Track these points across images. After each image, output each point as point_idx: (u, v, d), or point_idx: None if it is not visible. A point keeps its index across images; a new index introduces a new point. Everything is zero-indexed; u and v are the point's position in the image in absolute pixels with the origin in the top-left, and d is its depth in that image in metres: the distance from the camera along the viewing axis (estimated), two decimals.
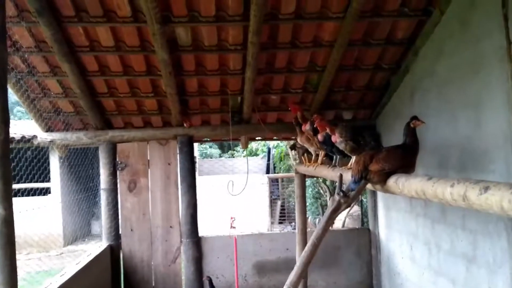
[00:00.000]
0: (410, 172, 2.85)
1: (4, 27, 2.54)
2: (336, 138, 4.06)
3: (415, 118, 2.99)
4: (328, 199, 10.39)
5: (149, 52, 4.81)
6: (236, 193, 6.03)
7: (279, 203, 13.32)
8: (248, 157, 18.49)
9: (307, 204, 8.78)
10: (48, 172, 11.58)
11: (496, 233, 3.66)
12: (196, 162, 6.59)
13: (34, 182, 10.62)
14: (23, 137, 7.88)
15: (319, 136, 4.53)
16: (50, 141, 5.89)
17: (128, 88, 5.46)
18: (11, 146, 4.58)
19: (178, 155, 6.22)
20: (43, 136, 5.89)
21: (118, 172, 6.21)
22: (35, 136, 5.93)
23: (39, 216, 11.12)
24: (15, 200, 2.54)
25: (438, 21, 4.43)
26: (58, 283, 4.10)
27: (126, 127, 6.14)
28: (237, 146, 22.43)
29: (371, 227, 6.73)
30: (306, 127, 4.94)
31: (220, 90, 5.63)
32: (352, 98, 5.98)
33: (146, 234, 6.24)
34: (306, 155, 5.55)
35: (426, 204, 4.89)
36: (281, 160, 14.40)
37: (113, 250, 5.99)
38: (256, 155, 19.87)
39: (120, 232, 6.19)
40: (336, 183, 3.24)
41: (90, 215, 13.21)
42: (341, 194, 3.05)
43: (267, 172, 16.84)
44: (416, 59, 4.99)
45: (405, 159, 2.90)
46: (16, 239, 2.56)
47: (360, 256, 6.67)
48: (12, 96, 5.40)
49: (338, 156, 4.47)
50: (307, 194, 10.02)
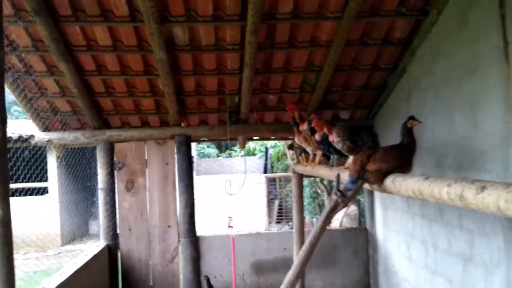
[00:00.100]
0: (407, 172, 2.86)
1: (1, 26, 2.54)
2: (333, 138, 4.07)
3: (412, 118, 2.99)
4: (325, 198, 10.41)
5: (146, 51, 4.81)
6: (234, 193, 6.03)
7: (276, 202, 13.30)
8: (246, 157, 18.51)
9: (305, 203, 8.79)
10: (46, 172, 11.56)
11: (492, 232, 3.67)
12: (193, 162, 6.58)
13: (32, 182, 10.60)
14: (21, 136, 7.87)
15: (317, 136, 4.53)
16: (48, 140, 5.89)
17: (126, 88, 5.46)
18: (9, 145, 4.57)
19: (176, 154, 6.23)
20: (41, 136, 5.88)
21: (116, 172, 6.21)
22: (32, 136, 5.92)
23: (37, 216, 11.10)
24: (13, 200, 2.53)
25: (436, 21, 4.44)
26: (56, 282, 4.10)
27: (123, 127, 6.14)
28: (234, 145, 22.48)
29: (368, 227, 6.74)
30: (304, 127, 4.95)
31: (217, 89, 5.63)
32: (349, 98, 5.98)
33: (144, 234, 6.24)
34: (303, 154, 5.56)
35: (423, 203, 4.90)
36: (278, 160, 14.40)
37: (111, 250, 5.99)
38: (254, 154, 19.88)
39: (118, 231, 6.20)
40: (334, 183, 3.25)
41: (88, 214, 13.20)
42: (338, 193, 3.06)
43: (265, 171, 16.83)
44: (413, 59, 5.00)
45: (402, 159, 2.90)
46: (14, 239, 2.56)
47: (357, 255, 6.68)
48: (9, 95, 5.40)
49: (335, 156, 4.48)
50: (304, 194, 10.03)
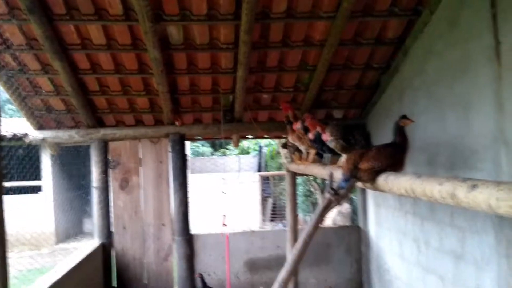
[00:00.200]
0: (399, 170, 2.89)
1: None
2: (326, 137, 4.10)
3: (404, 117, 3.02)
4: (318, 197, 10.46)
5: (141, 50, 4.82)
6: (227, 191, 6.06)
7: (270, 201, 13.35)
8: (240, 155, 18.53)
9: (298, 201, 8.82)
10: (40, 170, 11.53)
11: (483, 230, 3.72)
12: (187, 160, 6.59)
13: (26, 180, 10.57)
14: (15, 135, 7.85)
15: (310, 135, 4.56)
16: (42, 139, 5.88)
17: (120, 86, 5.46)
18: (3, 143, 4.56)
19: (170, 153, 6.24)
20: (35, 134, 5.87)
21: (110, 170, 6.21)
22: (26, 134, 5.91)
23: (31, 214, 11.07)
24: (7, 198, 2.54)
25: (428, 21, 4.48)
26: (51, 281, 4.10)
27: (117, 125, 6.13)
28: (228, 144, 22.47)
29: (361, 225, 6.78)
30: (297, 126, 4.98)
31: (212, 88, 5.64)
32: (342, 97, 6.01)
33: (138, 232, 6.25)
34: (297, 153, 5.59)
35: (415, 201, 4.94)
36: (272, 159, 14.45)
37: (105, 248, 5.99)
38: (248, 153, 19.90)
39: (113, 230, 6.20)
40: (327, 181, 3.28)
41: (82, 213, 13.16)
42: (331, 192, 3.09)
43: (259, 170, 16.87)
44: (405, 58, 5.04)
45: (394, 158, 2.93)
46: (8, 237, 2.56)
47: (350, 253, 6.72)
48: (3, 94, 5.39)
49: (329, 155, 4.50)
50: (298, 192, 10.06)
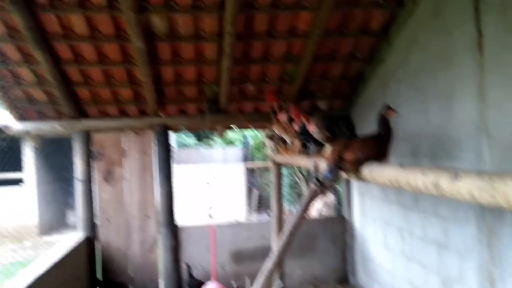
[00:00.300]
0: (383, 161, 2.91)
1: None
2: (312, 128, 4.11)
3: (388, 107, 3.03)
4: (304, 187, 10.51)
5: (124, 41, 4.76)
6: (211, 184, 6.05)
7: (256, 192, 13.38)
8: (226, 146, 18.50)
9: (284, 192, 8.85)
10: (22, 162, 11.36)
11: (466, 220, 3.78)
12: (172, 152, 6.56)
13: (7, 172, 10.41)
14: None
15: (295, 126, 4.57)
16: (24, 130, 5.79)
17: (104, 77, 5.39)
18: None
19: (154, 144, 6.20)
20: (17, 126, 5.78)
21: (94, 162, 6.15)
22: (7, 126, 5.81)
23: (13, 207, 10.92)
24: None
25: (412, 12, 4.51)
26: (34, 274, 4.05)
27: (101, 117, 6.05)
28: (214, 135, 22.39)
29: (346, 215, 6.83)
30: (282, 117, 4.98)
31: (196, 79, 5.61)
32: (327, 88, 6.03)
33: (123, 224, 6.22)
34: (282, 144, 5.60)
35: (399, 192, 4.99)
36: (258, 150, 14.45)
37: (89, 241, 5.94)
38: (233, 144, 19.87)
39: (97, 222, 6.16)
40: (312, 172, 3.29)
41: (65, 205, 13.03)
42: (316, 182, 3.10)
43: (245, 161, 16.87)
44: (389, 49, 5.07)
45: (378, 148, 2.95)
46: None
47: (335, 243, 6.78)
48: None
49: (313, 145, 4.52)
50: (283, 183, 10.09)
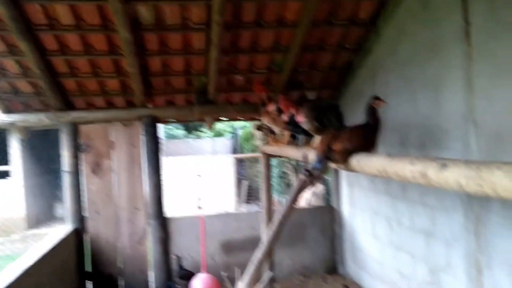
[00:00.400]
0: (372, 151, 2.92)
1: None
2: (300, 118, 4.10)
3: (376, 97, 3.03)
4: (293, 178, 10.53)
5: (111, 31, 4.70)
6: (201, 175, 6.04)
7: (246, 183, 13.39)
8: (215, 138, 18.46)
9: (273, 183, 8.87)
10: (8, 155, 11.23)
11: (453, 208, 3.82)
12: (161, 143, 6.52)
13: None
14: None
15: (284, 116, 4.56)
16: (10, 123, 5.71)
17: (90, 68, 5.32)
18: None
19: (142, 136, 6.15)
20: (2, 118, 5.69)
21: (82, 154, 6.09)
22: None
23: (0, 200, 10.81)
24: None
25: (400, 2, 4.50)
26: (22, 267, 4.02)
27: (88, 108, 5.99)
28: (202, 126, 22.33)
29: (334, 205, 6.87)
30: (271, 108, 4.97)
31: (184, 70, 5.57)
32: (316, 78, 6.02)
33: (111, 216, 6.19)
34: (271, 135, 5.59)
35: (387, 181, 5.02)
36: (247, 141, 14.44)
37: (78, 233, 5.90)
38: (222, 135, 19.84)
39: (86, 214, 6.12)
40: (301, 163, 3.29)
41: (53, 198, 12.93)
42: (305, 173, 3.10)
43: (234, 152, 16.86)
44: (378, 39, 5.07)
45: (367, 138, 2.95)
46: None
47: (324, 233, 6.82)
48: None
49: (302, 136, 4.52)
50: (273, 174, 10.10)
